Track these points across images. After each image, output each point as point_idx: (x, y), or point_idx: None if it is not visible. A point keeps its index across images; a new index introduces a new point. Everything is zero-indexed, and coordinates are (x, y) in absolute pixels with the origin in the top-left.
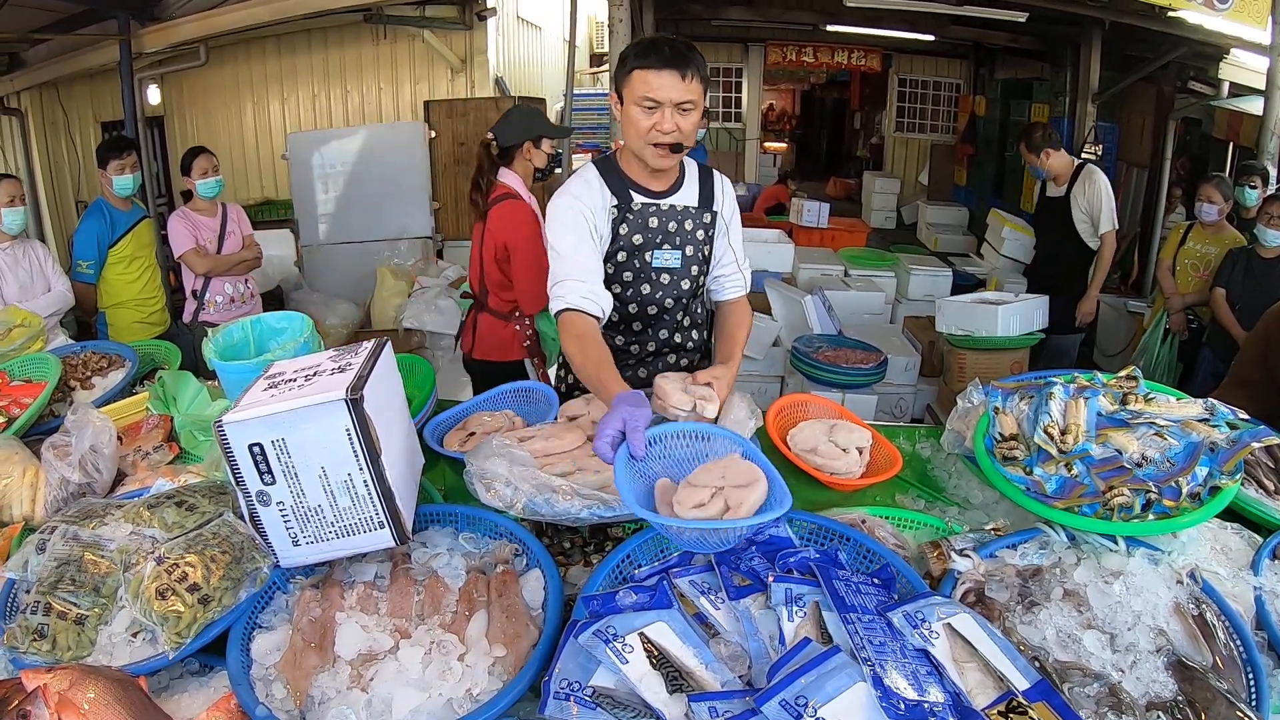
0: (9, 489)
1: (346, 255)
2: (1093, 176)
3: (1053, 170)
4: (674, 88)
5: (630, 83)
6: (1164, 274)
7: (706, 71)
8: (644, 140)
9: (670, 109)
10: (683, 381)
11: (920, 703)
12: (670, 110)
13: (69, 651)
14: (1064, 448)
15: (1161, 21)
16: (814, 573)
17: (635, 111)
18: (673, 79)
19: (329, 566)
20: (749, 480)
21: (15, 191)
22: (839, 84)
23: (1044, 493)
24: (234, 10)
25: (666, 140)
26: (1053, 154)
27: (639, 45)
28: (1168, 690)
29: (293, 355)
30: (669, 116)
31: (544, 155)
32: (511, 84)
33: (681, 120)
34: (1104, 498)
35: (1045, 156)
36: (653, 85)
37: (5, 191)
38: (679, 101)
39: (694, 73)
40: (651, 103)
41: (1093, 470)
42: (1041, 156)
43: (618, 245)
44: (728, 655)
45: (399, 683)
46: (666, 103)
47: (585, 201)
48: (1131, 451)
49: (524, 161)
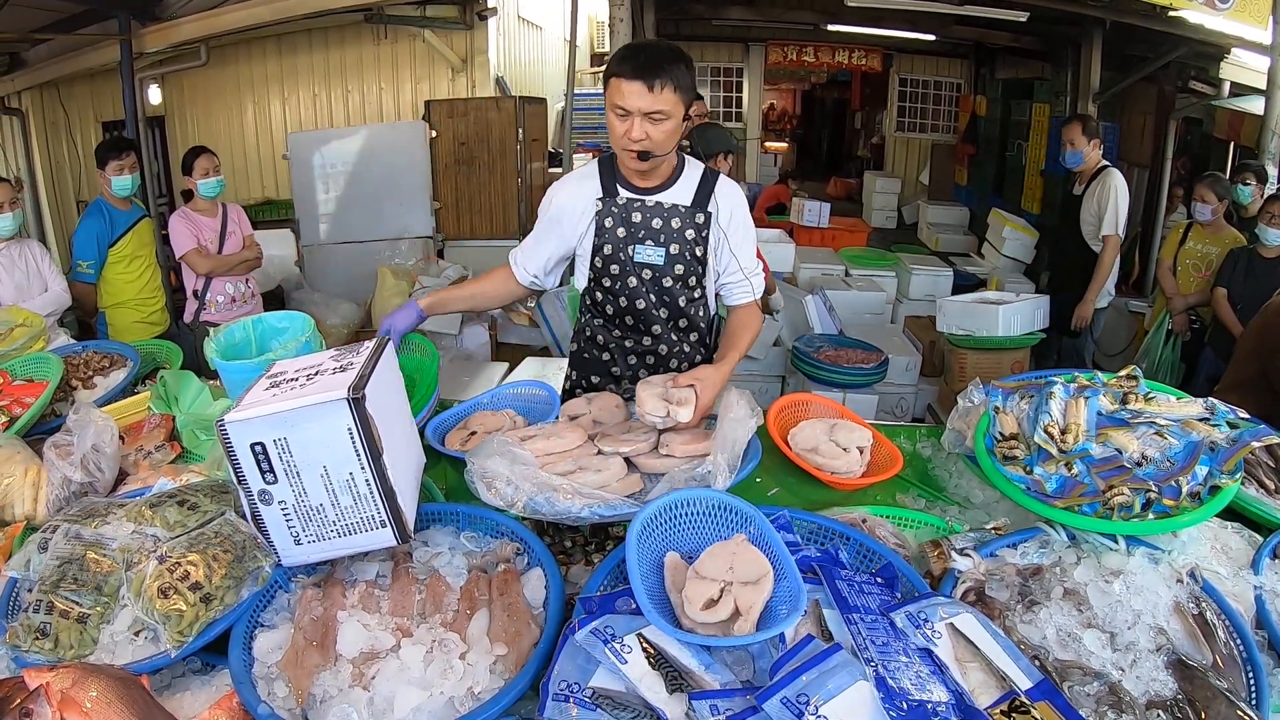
0: (11, 488)
1: (347, 255)
2: (1110, 178)
3: (1089, 161)
4: (641, 97)
5: (609, 88)
6: (1164, 274)
7: (687, 80)
8: (618, 146)
9: (639, 118)
10: (663, 385)
11: (923, 702)
12: (639, 119)
13: (71, 650)
14: (1064, 447)
15: (1162, 21)
16: (815, 571)
17: (610, 116)
18: (640, 89)
19: (331, 565)
20: (757, 575)
21: (6, 196)
22: (840, 84)
23: (1044, 492)
24: (234, 10)
25: (634, 148)
26: (1098, 146)
27: (620, 51)
28: (1168, 689)
29: (294, 355)
30: (637, 125)
31: (727, 166)
32: (512, 84)
33: (652, 129)
34: (1104, 497)
35: (1095, 146)
36: (623, 93)
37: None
38: (647, 111)
39: (665, 83)
40: (621, 110)
41: (1093, 470)
42: (1092, 144)
43: (603, 239)
44: (732, 660)
45: (400, 681)
46: (635, 111)
47: (564, 195)
48: (1131, 451)
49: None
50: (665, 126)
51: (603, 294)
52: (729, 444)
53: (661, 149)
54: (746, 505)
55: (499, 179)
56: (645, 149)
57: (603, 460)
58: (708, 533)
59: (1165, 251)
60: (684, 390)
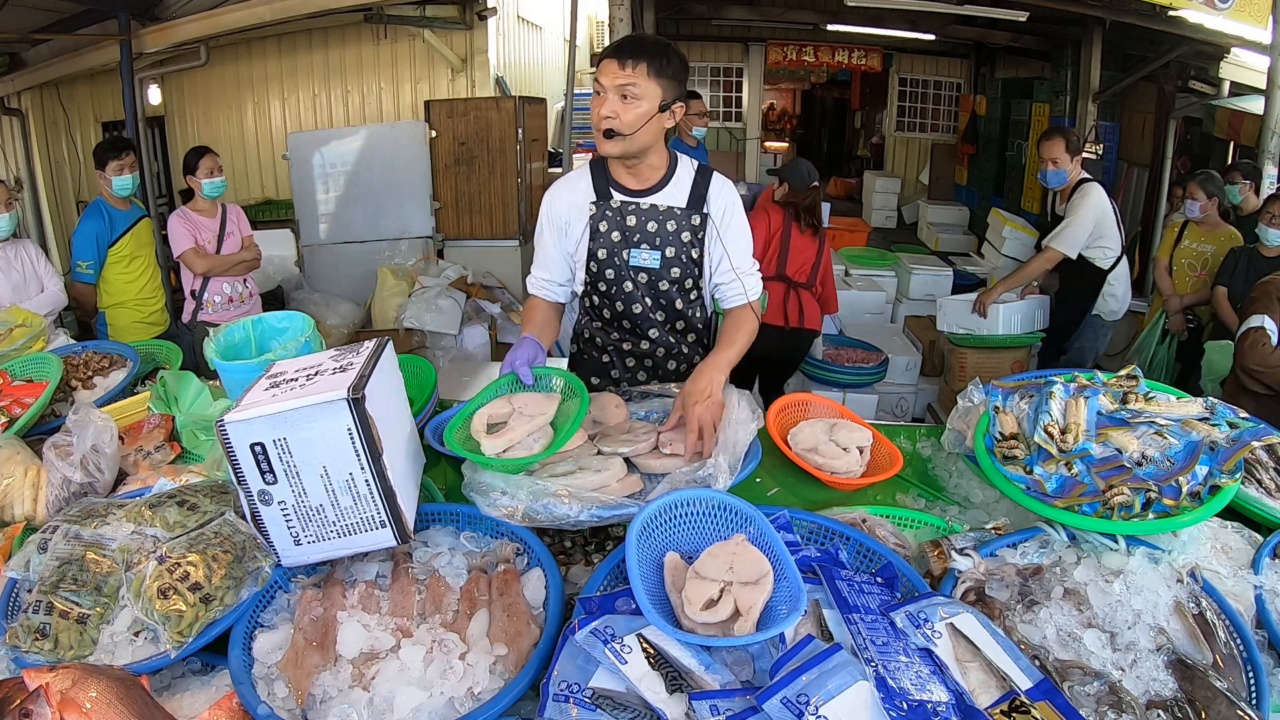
0: (11, 489)
1: (347, 255)
2: (1083, 195)
3: (1071, 179)
4: (613, 72)
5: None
6: (1161, 274)
7: (670, 70)
8: (595, 129)
9: (611, 95)
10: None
11: (923, 702)
12: (612, 96)
13: (71, 651)
14: (1064, 447)
15: (1162, 21)
16: (815, 571)
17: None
18: (613, 65)
19: (330, 565)
20: (757, 576)
21: (3, 197)
22: (840, 83)
23: (1044, 492)
24: (235, 10)
25: (601, 125)
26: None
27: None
28: (1168, 689)
29: (294, 355)
30: (609, 102)
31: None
32: (512, 84)
33: (621, 107)
34: (1104, 497)
35: (1078, 163)
36: (601, 72)
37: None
38: (618, 85)
39: (640, 62)
40: (599, 89)
41: (1093, 469)
42: (1075, 161)
43: (598, 243)
44: (732, 660)
45: (401, 681)
46: (607, 87)
47: (559, 200)
48: (1131, 450)
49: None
50: (637, 109)
51: (599, 297)
52: (730, 445)
53: (628, 129)
54: (746, 505)
55: (499, 179)
56: (612, 126)
57: (602, 460)
58: (708, 533)
59: (1161, 251)
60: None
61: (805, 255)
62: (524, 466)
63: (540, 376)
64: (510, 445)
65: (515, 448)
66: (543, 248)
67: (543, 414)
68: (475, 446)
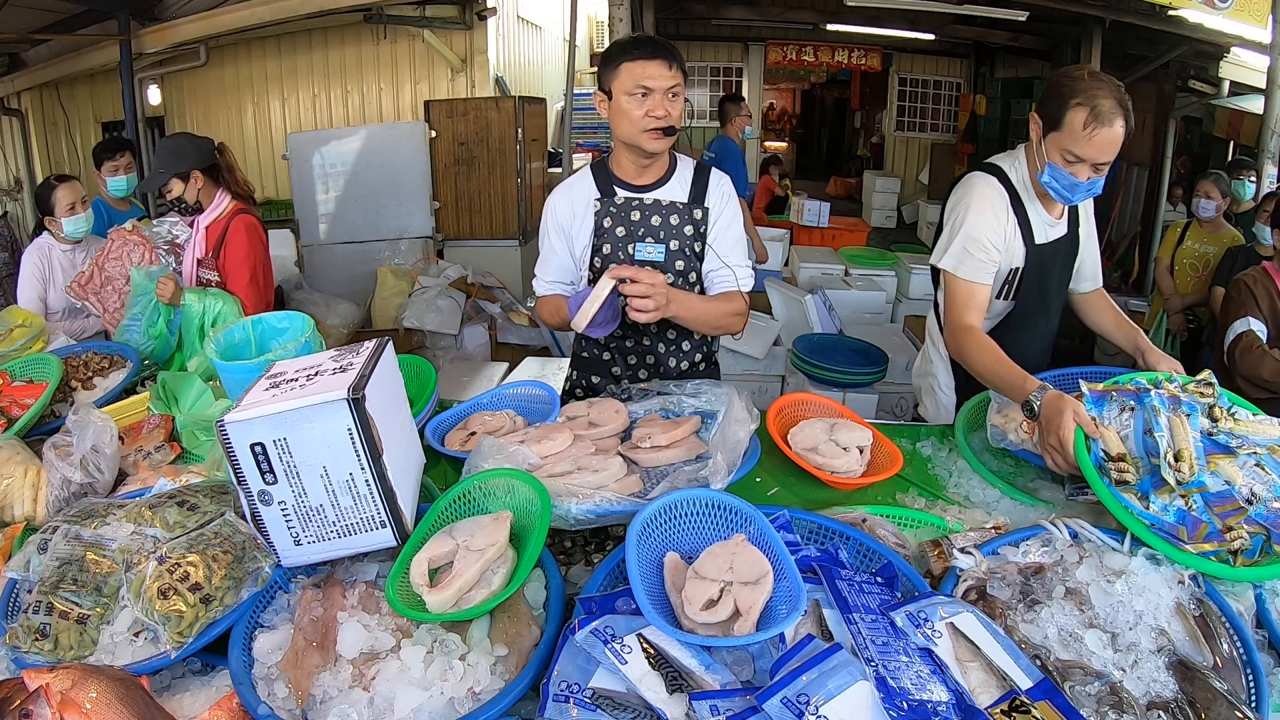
0: (11, 489)
1: (347, 255)
2: (961, 187)
3: None
4: (663, 75)
5: (619, 76)
6: (1162, 274)
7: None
8: (638, 128)
9: (661, 95)
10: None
11: (923, 702)
12: (661, 96)
13: (71, 651)
14: (1181, 479)
15: (1162, 20)
16: (815, 571)
17: (627, 102)
18: (661, 67)
19: (330, 566)
20: (757, 575)
21: (74, 197)
22: (839, 83)
23: (1165, 522)
24: (234, 10)
25: (661, 124)
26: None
27: (623, 42)
28: (1169, 690)
29: (294, 355)
30: (660, 102)
31: None
32: (512, 84)
33: (671, 106)
34: (1227, 542)
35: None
36: (645, 74)
37: (65, 197)
38: (668, 87)
39: (676, 62)
40: (644, 90)
41: (1212, 508)
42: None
43: (603, 239)
44: (732, 660)
45: (401, 682)
46: (658, 89)
47: (561, 203)
48: (1240, 485)
49: None
50: (680, 104)
51: None
52: (728, 444)
53: (679, 125)
54: (746, 505)
55: (498, 179)
56: (670, 124)
57: (602, 460)
58: (707, 533)
59: (1163, 251)
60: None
61: None
62: (487, 611)
63: (484, 483)
64: (460, 595)
65: (474, 590)
66: (549, 253)
67: (492, 544)
68: (419, 603)
